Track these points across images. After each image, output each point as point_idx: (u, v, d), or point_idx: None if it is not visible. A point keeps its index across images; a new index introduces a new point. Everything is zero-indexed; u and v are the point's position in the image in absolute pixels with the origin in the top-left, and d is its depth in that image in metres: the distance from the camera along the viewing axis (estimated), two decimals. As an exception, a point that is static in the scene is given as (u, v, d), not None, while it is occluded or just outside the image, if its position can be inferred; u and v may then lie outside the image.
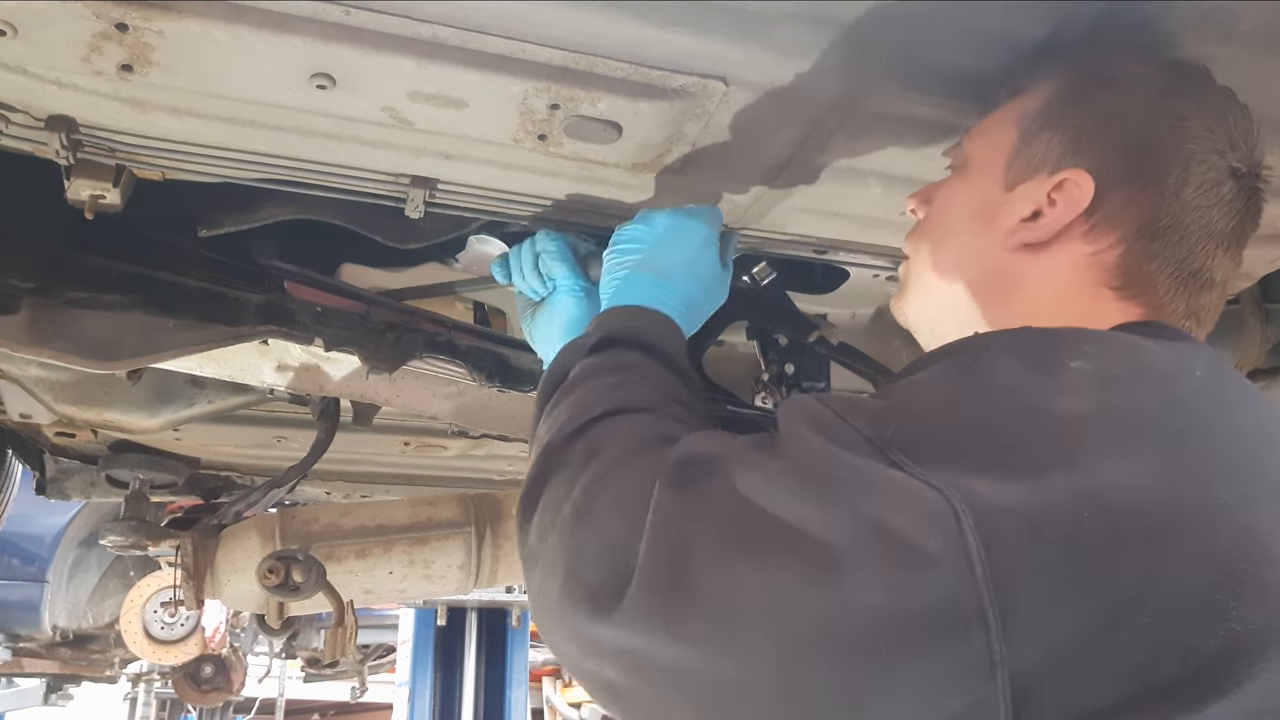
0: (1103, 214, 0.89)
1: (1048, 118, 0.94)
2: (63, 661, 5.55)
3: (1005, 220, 0.93)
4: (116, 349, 1.39)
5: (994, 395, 0.72)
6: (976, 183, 0.98)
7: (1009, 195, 0.94)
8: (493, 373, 1.52)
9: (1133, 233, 0.88)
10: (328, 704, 10.42)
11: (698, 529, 0.72)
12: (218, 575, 1.82)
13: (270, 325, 1.43)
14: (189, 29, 0.94)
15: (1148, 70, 0.93)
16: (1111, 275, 0.89)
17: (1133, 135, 0.90)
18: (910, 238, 1.08)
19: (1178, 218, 0.88)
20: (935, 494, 0.64)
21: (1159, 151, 0.89)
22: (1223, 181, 0.89)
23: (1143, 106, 0.91)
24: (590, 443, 0.88)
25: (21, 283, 1.33)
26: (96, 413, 1.81)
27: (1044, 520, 0.63)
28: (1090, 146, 0.90)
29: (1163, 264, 0.88)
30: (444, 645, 6.82)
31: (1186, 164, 0.88)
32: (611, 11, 0.94)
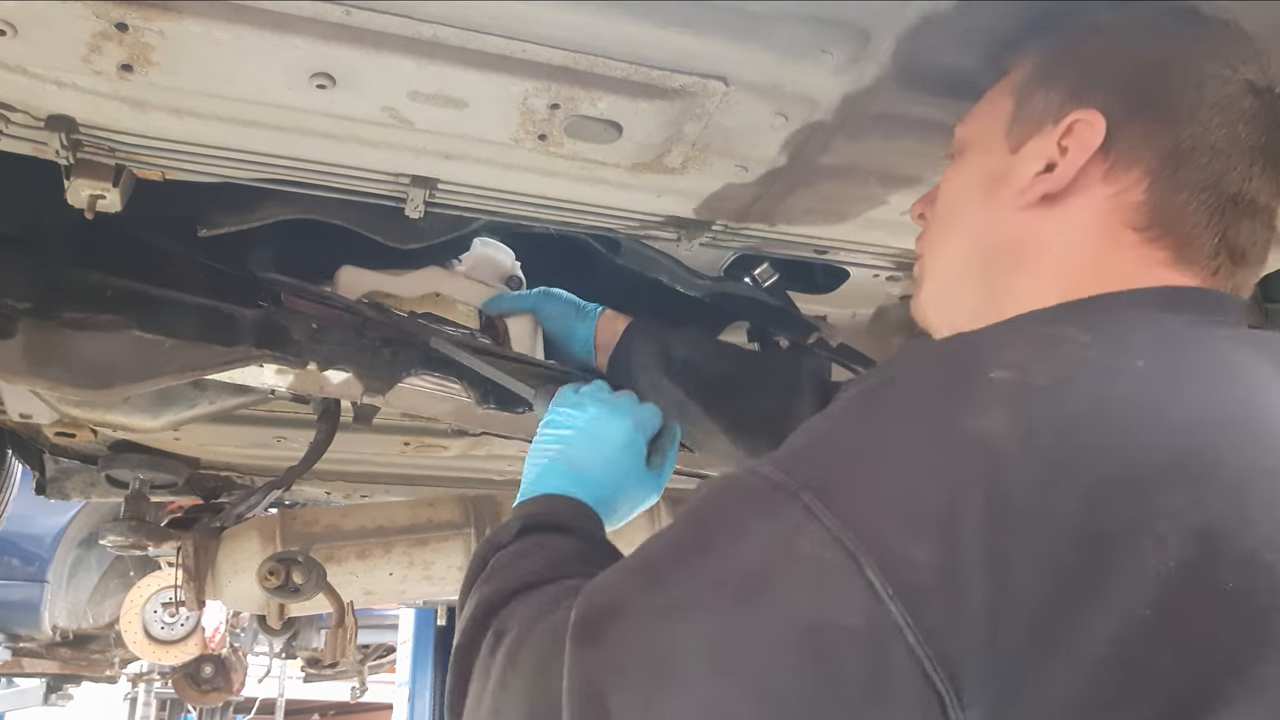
0: (1119, 150, 0.83)
1: (1042, 76, 0.90)
2: (63, 661, 5.55)
3: (1017, 180, 0.87)
4: (111, 374, 1.38)
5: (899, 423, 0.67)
6: (978, 158, 0.94)
7: (1016, 157, 0.88)
8: (487, 392, 1.51)
9: (1157, 163, 0.82)
10: (328, 704, 10.42)
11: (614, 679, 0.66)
12: (218, 576, 1.82)
13: (265, 349, 1.42)
14: (189, 29, 0.94)
15: (1136, 10, 0.89)
16: (1136, 215, 0.82)
17: (1135, 66, 0.85)
18: (920, 239, 1.05)
19: (1200, 138, 0.81)
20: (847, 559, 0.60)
21: (1166, 75, 0.84)
22: (1242, 95, 0.83)
23: (1140, 39, 0.87)
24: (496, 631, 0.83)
25: (18, 303, 1.32)
26: (99, 414, 1.81)
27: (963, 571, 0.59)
28: (1093, 87, 0.85)
29: (1193, 192, 0.81)
30: (444, 645, 6.80)
31: (1199, 83, 0.82)
32: (611, 11, 0.94)
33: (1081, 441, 0.62)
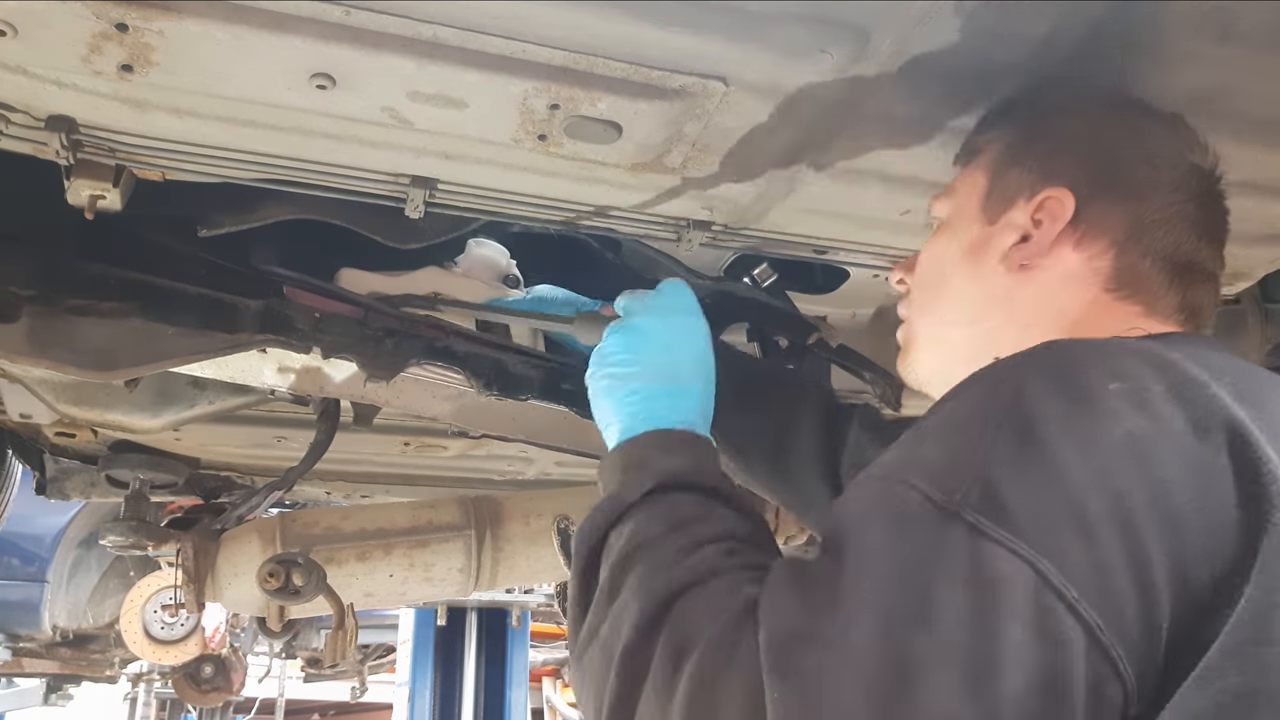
0: (1088, 222, 0.94)
1: (1013, 156, 1.01)
2: (63, 661, 5.55)
3: (996, 249, 0.98)
4: (115, 358, 1.39)
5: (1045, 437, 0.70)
6: (957, 229, 1.04)
7: (993, 228, 0.99)
8: (491, 379, 1.52)
9: (1122, 234, 0.93)
10: (328, 704, 10.42)
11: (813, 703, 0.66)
12: (218, 579, 1.82)
13: (268, 334, 1.43)
14: (189, 29, 0.94)
15: (1094, 95, 1.01)
16: (1108, 279, 0.93)
17: (1099, 148, 0.97)
18: (903, 303, 1.12)
19: (1159, 212, 0.93)
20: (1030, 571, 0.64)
21: (1126, 156, 0.96)
22: (1190, 177, 0.95)
23: (1100, 123, 0.99)
24: (673, 641, 0.76)
25: (21, 290, 1.33)
26: (99, 413, 1.81)
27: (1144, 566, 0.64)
28: (1061, 167, 0.96)
29: (1155, 259, 0.93)
30: (444, 645, 6.82)
31: (1154, 164, 0.95)
32: (611, 11, 0.94)
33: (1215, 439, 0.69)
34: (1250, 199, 1.33)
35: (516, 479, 2.66)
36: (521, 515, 1.99)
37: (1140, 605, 0.64)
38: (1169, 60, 1.05)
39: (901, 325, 1.13)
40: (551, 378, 1.55)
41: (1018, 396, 0.73)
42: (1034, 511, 0.66)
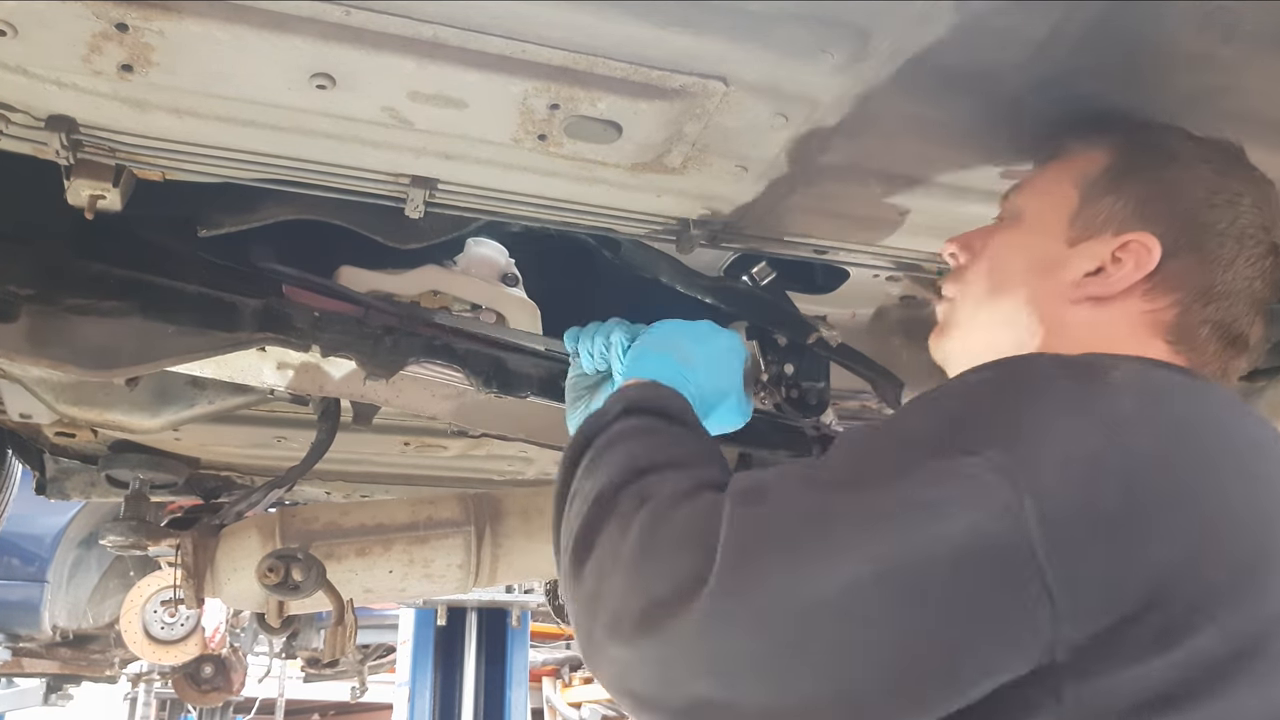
0: (1163, 276, 0.96)
1: (1109, 183, 1.02)
2: (63, 661, 5.55)
3: (1069, 273, 1.00)
4: (115, 356, 1.39)
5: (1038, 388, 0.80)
6: (1035, 236, 1.05)
7: (1071, 250, 1.01)
8: (490, 377, 1.52)
9: (1190, 296, 0.96)
10: (328, 704, 10.41)
11: (773, 525, 0.77)
12: (218, 574, 1.82)
13: (268, 332, 1.43)
14: (189, 29, 0.94)
15: (1201, 148, 1.03)
16: (1166, 330, 0.97)
17: (1195, 207, 0.98)
18: (954, 280, 1.13)
19: (1230, 285, 0.97)
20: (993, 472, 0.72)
21: (1218, 224, 0.98)
22: (1267, 255, 0.99)
23: (1202, 182, 1.00)
24: (640, 491, 0.87)
25: (20, 290, 1.33)
26: (98, 413, 1.81)
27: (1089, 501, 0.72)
28: (1155, 214, 0.98)
29: (1213, 328, 0.97)
30: (444, 645, 6.82)
31: (1240, 238, 0.98)
32: (611, 11, 0.94)
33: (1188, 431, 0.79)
34: (1250, 199, 1.33)
35: (516, 479, 2.66)
36: (521, 512, 1.98)
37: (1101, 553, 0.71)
38: (1171, 60, 1.05)
39: (945, 302, 1.14)
40: (551, 375, 1.56)
41: (1029, 366, 0.85)
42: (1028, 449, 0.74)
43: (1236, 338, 0.98)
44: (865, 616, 0.72)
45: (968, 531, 0.71)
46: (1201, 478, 0.77)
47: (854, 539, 0.73)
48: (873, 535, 0.73)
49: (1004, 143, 1.19)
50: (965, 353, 1.08)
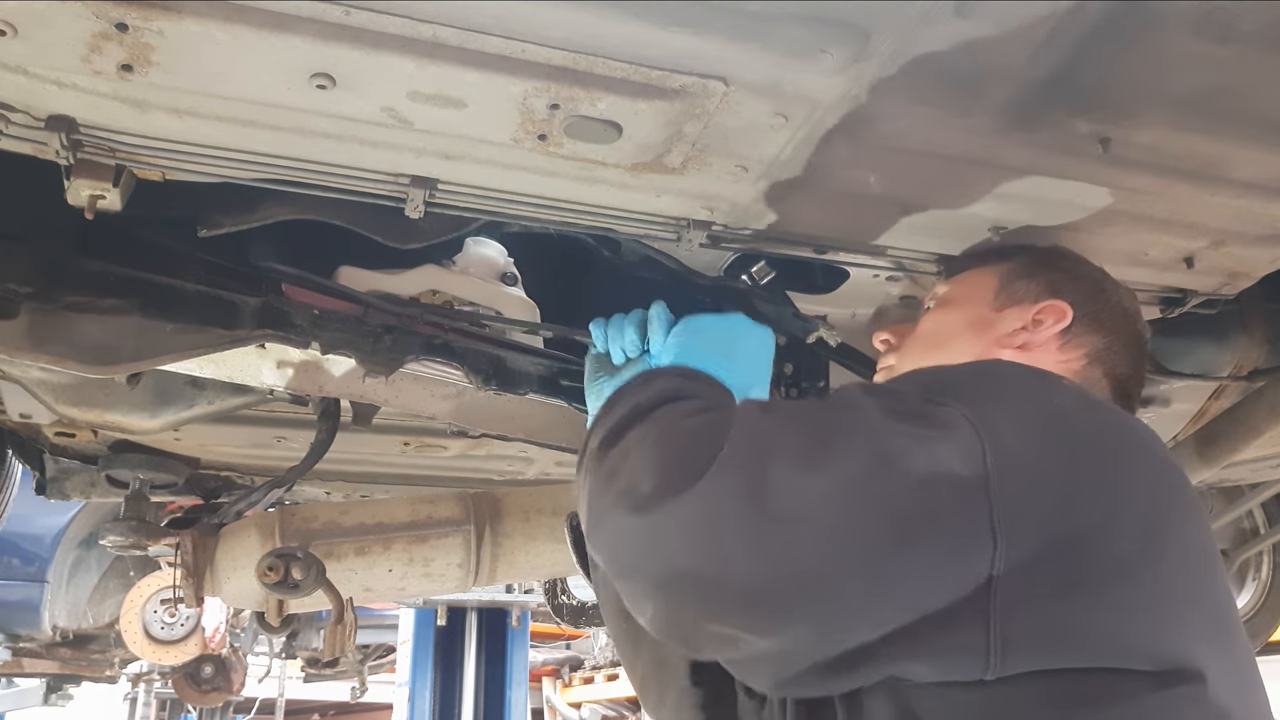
0: (1073, 334, 1.21)
1: (1022, 271, 1.28)
2: (63, 661, 5.56)
3: (1000, 328, 1.23)
4: (114, 353, 1.39)
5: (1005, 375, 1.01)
6: (967, 306, 1.28)
7: (998, 314, 1.24)
8: (489, 375, 1.52)
9: (1092, 353, 1.20)
10: (328, 704, 10.43)
11: (779, 427, 0.90)
12: (217, 573, 1.82)
13: (267, 329, 1.43)
14: (189, 29, 0.95)
15: (1079, 257, 1.32)
16: (1073, 376, 1.17)
17: (1091, 287, 1.25)
18: (890, 354, 1.35)
19: (1122, 348, 1.22)
20: (962, 418, 0.87)
21: (1109, 300, 1.25)
22: (1136, 339, 1.26)
23: (1093, 273, 1.29)
24: (674, 405, 0.99)
25: (20, 287, 1.33)
26: (97, 414, 1.81)
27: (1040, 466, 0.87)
28: (1064, 290, 1.24)
29: (1109, 380, 1.21)
30: (444, 645, 6.82)
31: (1124, 315, 1.25)
32: (611, 11, 0.94)
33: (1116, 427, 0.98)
34: (1250, 199, 1.33)
35: (516, 479, 2.66)
36: (521, 511, 1.98)
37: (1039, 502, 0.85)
38: (1170, 60, 1.05)
39: (881, 373, 1.35)
40: (551, 373, 1.56)
41: (990, 361, 1.11)
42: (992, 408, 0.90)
43: (1125, 394, 1.22)
44: (844, 512, 0.83)
45: (939, 456, 0.85)
46: (1123, 464, 0.92)
47: (846, 445, 0.86)
48: (863, 448, 0.86)
49: (1004, 143, 1.19)
50: None
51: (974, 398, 0.92)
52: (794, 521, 0.83)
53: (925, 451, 0.85)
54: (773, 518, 0.83)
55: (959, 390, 0.94)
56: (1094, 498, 0.88)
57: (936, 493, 0.84)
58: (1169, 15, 0.99)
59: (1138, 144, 1.20)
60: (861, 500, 0.83)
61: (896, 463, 0.84)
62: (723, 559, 0.84)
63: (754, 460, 0.86)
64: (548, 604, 5.68)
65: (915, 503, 0.83)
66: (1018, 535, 0.83)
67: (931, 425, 0.88)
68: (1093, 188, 1.30)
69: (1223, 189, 1.31)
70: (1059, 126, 1.16)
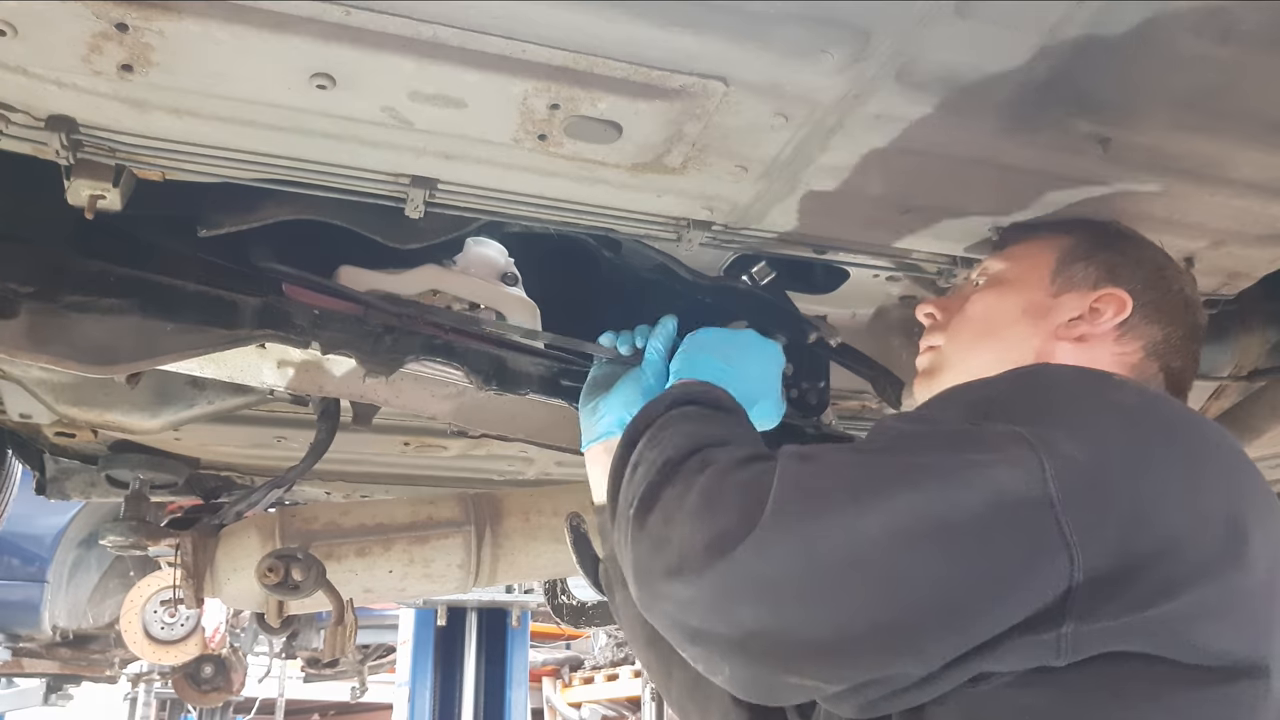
0: (1131, 325, 1.15)
1: (1080, 253, 1.21)
2: (63, 661, 5.56)
3: (1057, 316, 1.17)
4: (114, 353, 1.39)
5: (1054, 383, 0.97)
6: (1022, 289, 1.22)
7: (1056, 300, 1.18)
8: (490, 375, 1.52)
9: (1150, 344, 1.15)
10: (328, 704, 10.42)
11: (824, 474, 0.88)
12: (217, 574, 1.82)
13: (267, 329, 1.42)
14: (189, 29, 0.95)
15: (1142, 238, 1.26)
16: (1128, 371, 1.14)
17: (1153, 274, 1.19)
18: (936, 332, 1.28)
19: (1180, 342, 1.17)
20: (1016, 437, 0.84)
21: (1170, 289, 1.19)
22: (1199, 327, 1.20)
23: (1156, 257, 1.22)
24: (702, 459, 0.96)
25: (21, 287, 1.33)
26: (97, 414, 1.81)
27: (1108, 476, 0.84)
28: (1124, 277, 1.17)
29: (1165, 374, 1.16)
30: (444, 645, 6.83)
31: (1186, 305, 1.19)
32: (611, 11, 0.94)
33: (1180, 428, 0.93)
34: (1250, 199, 1.33)
35: (517, 479, 2.67)
36: (521, 511, 1.98)
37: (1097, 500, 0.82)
38: (1170, 60, 1.05)
39: (930, 351, 1.28)
40: (551, 373, 1.56)
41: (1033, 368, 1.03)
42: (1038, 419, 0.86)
43: (1179, 387, 1.17)
44: (905, 554, 0.81)
45: (998, 480, 0.81)
46: (1197, 462, 0.89)
47: (897, 487, 0.83)
48: (914, 485, 0.83)
49: (1004, 143, 1.19)
50: None
51: (1026, 413, 0.88)
52: (854, 569, 0.81)
53: (982, 478, 0.82)
54: (831, 567, 0.82)
55: (1008, 408, 0.90)
56: (1170, 500, 0.85)
57: (1001, 519, 0.81)
58: (1169, 15, 0.99)
59: (1138, 144, 1.20)
60: (922, 539, 0.81)
61: (953, 494, 0.82)
62: (789, 615, 0.83)
63: (805, 512, 0.84)
64: (548, 604, 5.67)
65: (980, 533, 0.81)
66: (1094, 547, 0.81)
67: (984, 448, 0.85)
68: (1093, 188, 1.30)
69: (1223, 189, 1.31)
70: (1059, 126, 1.16)
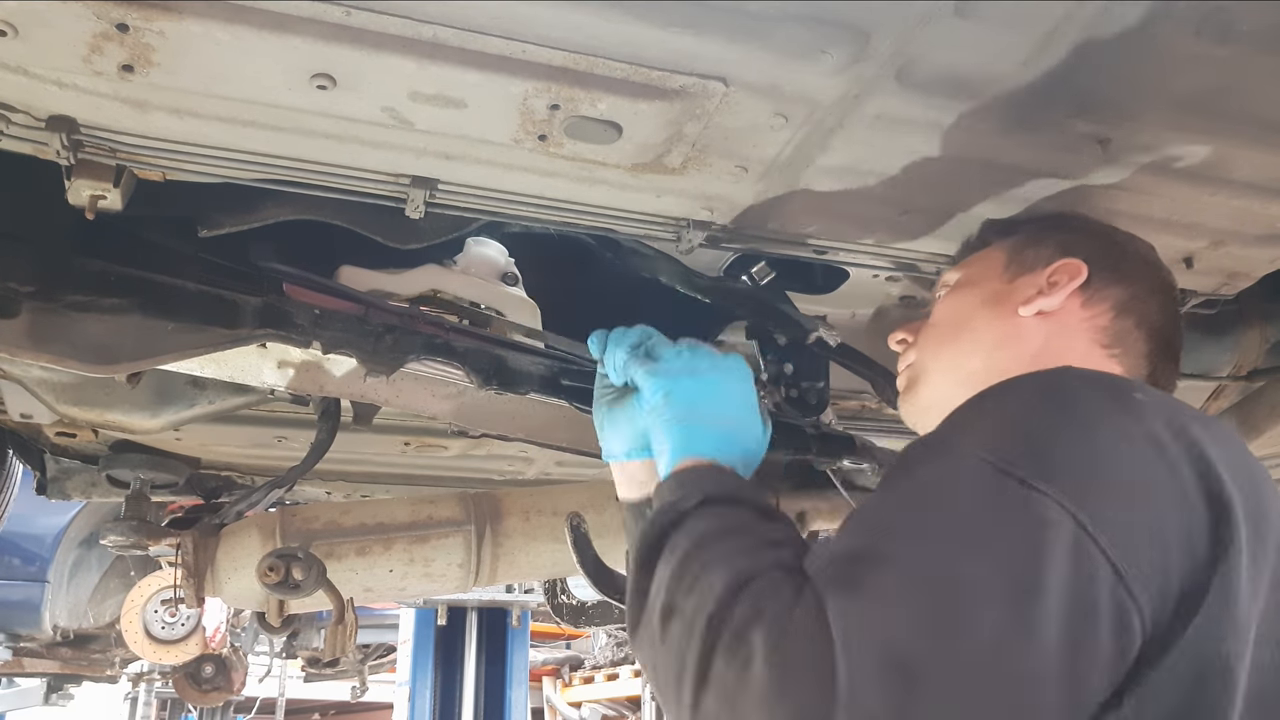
0: (1095, 288, 1.14)
1: (1029, 241, 1.21)
2: (63, 661, 5.57)
3: (1016, 296, 1.16)
4: (115, 352, 1.39)
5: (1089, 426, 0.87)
6: (976, 286, 1.22)
7: (1012, 285, 1.17)
8: (490, 374, 1.52)
9: (1118, 303, 1.13)
10: (328, 704, 10.43)
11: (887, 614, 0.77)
12: (218, 573, 1.82)
13: (268, 329, 1.43)
14: (189, 29, 0.95)
15: (1086, 216, 1.27)
16: (1103, 335, 1.12)
17: (1105, 239, 1.20)
18: (910, 351, 1.27)
19: (1150, 294, 1.15)
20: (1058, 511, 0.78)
21: (1125, 249, 1.20)
22: (1162, 286, 1.18)
23: (1104, 228, 1.23)
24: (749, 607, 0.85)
25: (21, 286, 1.33)
26: (98, 413, 1.81)
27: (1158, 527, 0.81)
28: (1075, 247, 1.17)
29: (1145, 329, 1.13)
30: (444, 645, 6.82)
31: (1145, 262, 1.19)
32: (611, 12, 0.94)
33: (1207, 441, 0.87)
34: (1250, 199, 1.33)
35: (517, 479, 2.67)
36: (521, 511, 1.98)
37: (1154, 560, 0.79)
38: (1169, 61, 1.06)
39: (906, 369, 1.27)
40: (551, 372, 1.56)
41: (1060, 385, 0.92)
42: (1076, 475, 0.82)
43: (1165, 342, 1.15)
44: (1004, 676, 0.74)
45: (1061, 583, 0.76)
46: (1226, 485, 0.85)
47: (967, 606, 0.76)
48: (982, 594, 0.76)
49: (1004, 143, 1.19)
50: (940, 393, 1.18)
51: (1061, 471, 0.82)
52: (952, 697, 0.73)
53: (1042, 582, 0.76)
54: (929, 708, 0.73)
55: (1041, 461, 0.83)
56: (1212, 526, 0.83)
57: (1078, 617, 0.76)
58: (1168, 15, 0.99)
59: (1137, 144, 1.20)
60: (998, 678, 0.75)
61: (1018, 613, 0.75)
62: None
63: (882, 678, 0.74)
64: (548, 604, 5.67)
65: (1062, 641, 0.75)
66: (1154, 599, 0.79)
67: (1031, 525, 0.79)
68: (1092, 188, 1.30)
69: (1222, 189, 1.31)
70: (1059, 127, 1.16)
